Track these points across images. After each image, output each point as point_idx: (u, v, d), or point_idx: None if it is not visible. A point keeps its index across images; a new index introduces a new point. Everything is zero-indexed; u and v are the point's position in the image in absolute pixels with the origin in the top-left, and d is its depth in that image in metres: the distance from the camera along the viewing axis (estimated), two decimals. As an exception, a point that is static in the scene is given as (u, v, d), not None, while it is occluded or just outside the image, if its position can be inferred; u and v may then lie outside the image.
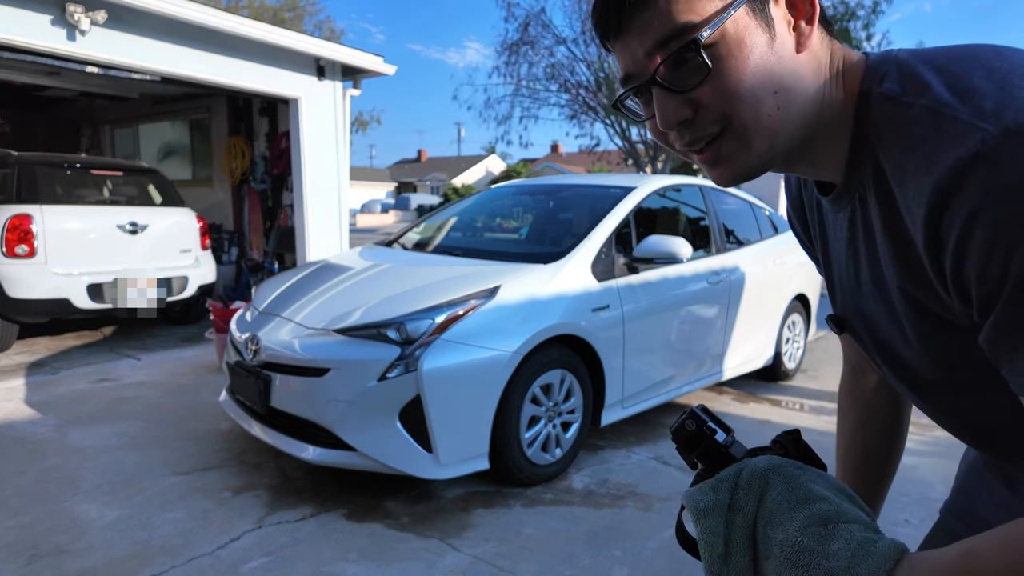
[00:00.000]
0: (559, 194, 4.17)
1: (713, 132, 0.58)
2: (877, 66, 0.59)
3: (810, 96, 0.58)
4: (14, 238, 4.79)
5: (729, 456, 0.64)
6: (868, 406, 0.91)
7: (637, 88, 0.61)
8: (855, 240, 0.65)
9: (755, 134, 0.57)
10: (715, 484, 0.60)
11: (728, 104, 0.56)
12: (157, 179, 6.10)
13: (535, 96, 15.68)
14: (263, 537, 2.42)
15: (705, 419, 0.65)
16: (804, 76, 0.58)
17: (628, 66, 0.60)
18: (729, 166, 0.60)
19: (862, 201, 0.61)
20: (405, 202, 39.23)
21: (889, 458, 0.93)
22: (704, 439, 0.64)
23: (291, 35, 6.28)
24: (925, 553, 0.49)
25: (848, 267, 0.68)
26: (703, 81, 0.56)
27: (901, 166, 0.53)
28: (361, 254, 3.83)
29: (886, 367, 0.71)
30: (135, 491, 2.77)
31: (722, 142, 0.59)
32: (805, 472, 0.59)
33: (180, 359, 5.02)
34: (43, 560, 2.24)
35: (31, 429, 3.47)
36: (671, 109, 0.58)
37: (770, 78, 0.56)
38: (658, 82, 0.58)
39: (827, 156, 0.62)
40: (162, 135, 9.07)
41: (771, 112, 0.57)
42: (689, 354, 3.62)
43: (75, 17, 4.71)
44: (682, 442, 0.65)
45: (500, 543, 2.40)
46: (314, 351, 2.65)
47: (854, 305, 0.70)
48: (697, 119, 0.58)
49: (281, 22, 20.16)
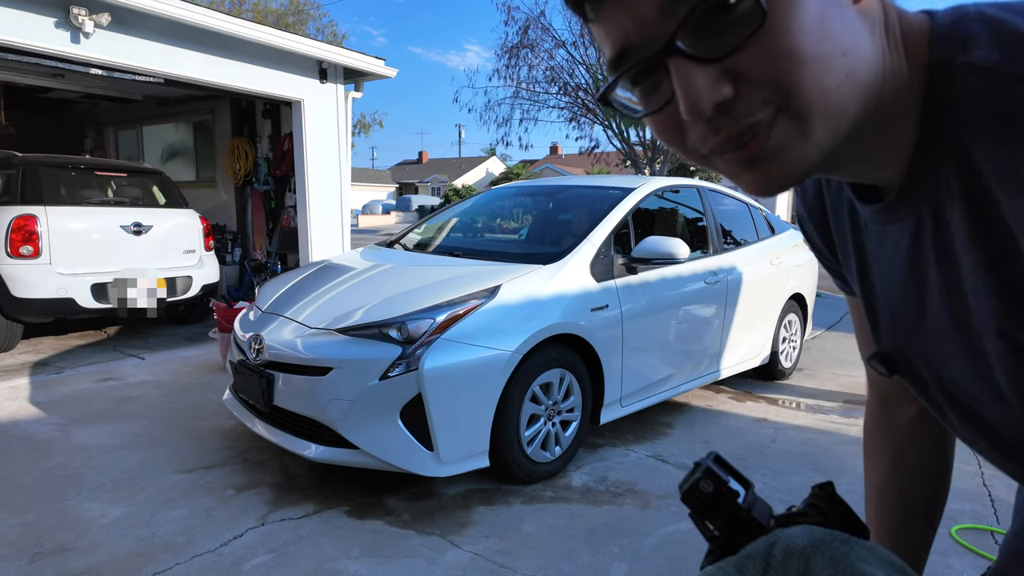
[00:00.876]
0: (558, 195, 4.20)
1: (764, 117, 0.41)
2: (953, 26, 0.43)
3: (871, 62, 0.43)
4: (19, 239, 4.83)
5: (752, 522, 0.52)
6: (904, 445, 0.76)
7: (643, 65, 0.42)
8: (920, 262, 0.50)
9: (820, 114, 0.41)
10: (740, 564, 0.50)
11: (787, 71, 0.39)
12: (161, 180, 6.14)
13: (535, 99, 15.71)
14: (266, 534, 2.44)
15: (723, 477, 0.53)
16: (864, 36, 0.42)
17: (626, 35, 0.42)
18: (778, 163, 0.43)
19: (935, 211, 0.46)
20: (406, 203, 39.30)
21: (932, 507, 0.76)
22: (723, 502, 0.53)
23: (294, 38, 6.32)
24: None
25: (906, 295, 0.54)
26: (750, 38, 0.39)
27: (1015, 167, 0.39)
28: (363, 254, 3.86)
29: (962, 424, 0.56)
30: (138, 489, 2.80)
31: (772, 129, 0.41)
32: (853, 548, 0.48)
33: (184, 358, 5.06)
34: (47, 558, 2.27)
35: (35, 428, 3.50)
36: (704, 87, 0.40)
37: (836, 32, 0.40)
38: (680, 49, 0.40)
39: (882, 149, 0.47)
40: (166, 137, 9.12)
41: (839, 82, 0.40)
42: (687, 353, 3.64)
43: (79, 19, 4.75)
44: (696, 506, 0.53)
45: (500, 540, 2.43)
46: (316, 350, 2.68)
47: (914, 343, 0.55)
48: (738, 99, 0.40)
49: (285, 26, 20.22)
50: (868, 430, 0.81)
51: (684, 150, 0.46)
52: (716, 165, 0.45)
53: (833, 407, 4.07)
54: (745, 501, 0.53)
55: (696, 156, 0.45)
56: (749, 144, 0.42)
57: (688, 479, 0.54)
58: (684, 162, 18.59)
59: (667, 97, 0.43)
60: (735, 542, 0.52)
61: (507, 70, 15.46)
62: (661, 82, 0.43)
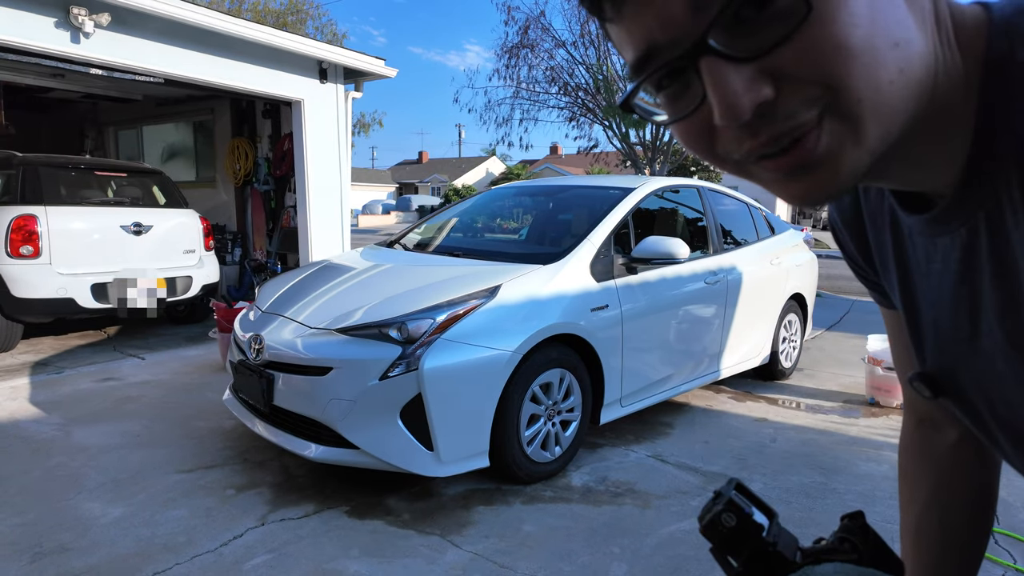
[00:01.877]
0: (558, 195, 4.20)
1: (809, 118, 0.37)
2: (1012, 18, 0.40)
3: (925, 57, 0.39)
4: (19, 239, 4.83)
5: (778, 556, 0.49)
6: (945, 473, 0.70)
7: (670, 67, 0.38)
8: (973, 276, 0.46)
9: (872, 113, 0.37)
10: None
11: (836, 66, 0.35)
12: (161, 180, 6.15)
13: (535, 99, 15.71)
14: (266, 534, 2.44)
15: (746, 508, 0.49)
16: (914, 27, 0.38)
17: (651, 34, 0.38)
18: (827, 170, 0.39)
19: (992, 223, 0.43)
20: (406, 203, 39.32)
21: (975, 541, 0.70)
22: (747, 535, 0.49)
23: (294, 38, 6.33)
24: None
25: (955, 312, 0.50)
26: (794, 33, 0.35)
27: None
28: (363, 254, 3.86)
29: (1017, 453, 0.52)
30: (139, 489, 2.80)
31: (818, 131, 0.37)
32: None
33: (184, 358, 5.06)
34: (47, 558, 2.27)
35: (35, 428, 3.50)
36: (741, 88, 0.36)
37: (887, 22, 0.36)
38: (714, 48, 0.36)
39: (934, 154, 0.43)
40: (166, 137, 9.12)
41: (893, 77, 0.37)
42: (687, 353, 3.64)
43: (79, 19, 4.75)
44: (718, 540, 0.50)
45: (500, 540, 2.43)
46: (316, 350, 2.68)
47: (962, 363, 0.51)
48: (782, 100, 0.36)
49: (284, 26, 20.22)
50: (904, 456, 0.74)
51: (714, 157, 0.42)
52: (752, 173, 0.41)
53: (833, 407, 4.07)
54: (770, 534, 0.49)
55: (729, 163, 0.41)
56: (793, 149, 0.38)
57: (708, 510, 0.50)
58: (684, 162, 18.60)
59: (696, 102, 0.39)
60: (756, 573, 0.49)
61: (507, 70, 15.47)
62: (690, 85, 0.39)
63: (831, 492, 2.85)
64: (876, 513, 2.62)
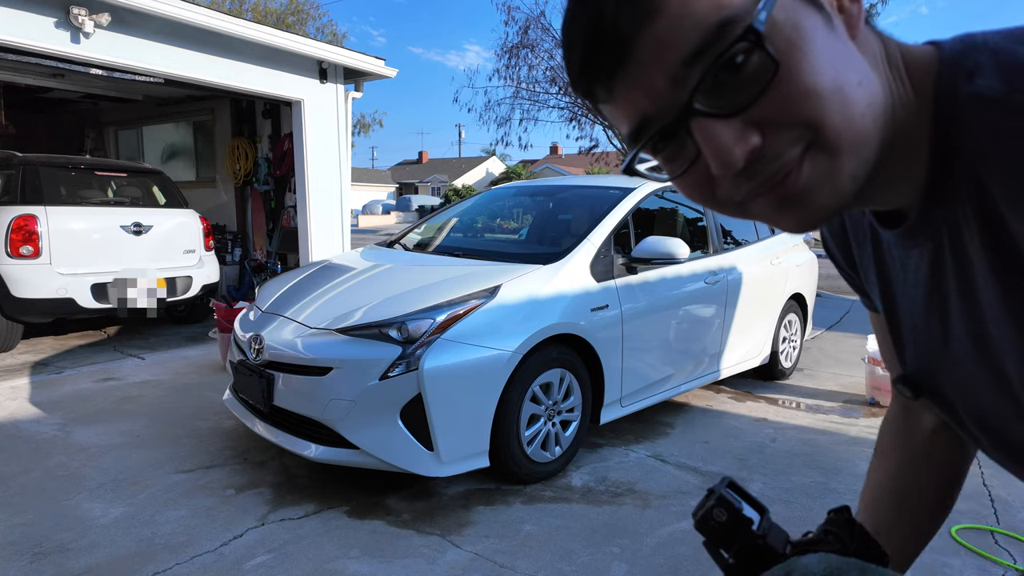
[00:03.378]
0: (558, 195, 4.20)
1: (794, 156, 0.42)
2: (958, 57, 0.44)
3: (882, 93, 0.44)
4: (19, 239, 4.83)
5: (768, 549, 0.52)
6: (919, 453, 0.74)
7: (664, 133, 0.43)
8: (941, 287, 0.50)
9: (849, 144, 0.42)
10: None
11: (812, 107, 0.40)
12: (161, 180, 6.15)
13: (535, 99, 15.72)
14: (266, 534, 2.44)
15: (737, 504, 0.52)
16: (867, 67, 0.44)
17: (642, 108, 0.43)
18: (815, 198, 0.43)
19: (954, 237, 0.47)
20: (406, 203, 39.32)
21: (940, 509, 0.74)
22: (738, 529, 0.52)
23: (294, 38, 6.33)
24: None
25: (928, 319, 0.54)
26: (769, 86, 0.40)
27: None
28: (363, 254, 3.86)
29: (994, 448, 0.56)
30: (139, 489, 2.80)
31: (804, 166, 0.42)
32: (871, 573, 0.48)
33: (184, 358, 5.06)
34: (47, 558, 2.27)
35: (35, 428, 3.50)
36: (731, 140, 0.41)
37: (847, 66, 0.42)
38: (700, 110, 0.41)
39: (900, 177, 0.47)
40: (166, 137, 9.12)
41: (863, 111, 0.42)
42: (687, 353, 3.64)
43: (79, 19, 4.75)
44: (710, 534, 0.53)
45: (500, 540, 2.43)
46: (316, 350, 2.68)
47: (939, 366, 0.56)
48: (769, 144, 0.41)
49: (285, 26, 20.22)
50: (885, 434, 0.78)
51: (716, 203, 0.47)
52: (751, 210, 0.46)
53: (833, 407, 4.07)
54: (760, 528, 0.52)
55: (731, 205, 0.46)
56: (782, 183, 0.43)
57: (701, 507, 0.52)
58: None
59: (692, 158, 0.44)
60: (750, 571, 0.51)
61: (507, 70, 15.47)
62: (684, 145, 0.44)
63: (831, 492, 2.85)
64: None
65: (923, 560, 2.29)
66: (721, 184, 0.44)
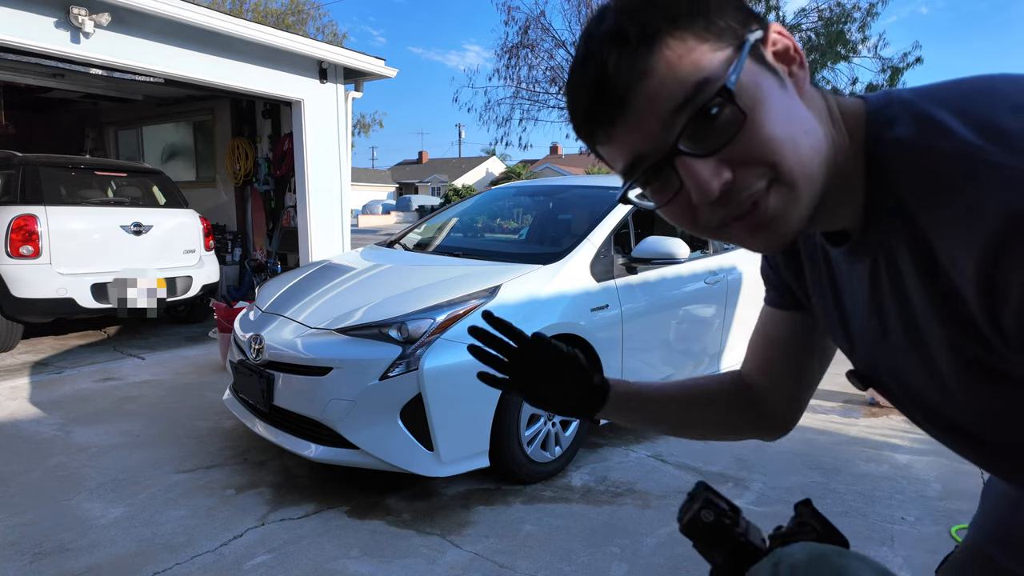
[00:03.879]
0: (558, 195, 4.20)
1: (760, 189, 0.53)
2: (880, 110, 0.55)
3: (825, 139, 0.55)
4: (19, 239, 4.83)
5: (750, 546, 0.56)
6: (721, 394, 0.90)
7: (652, 170, 0.54)
8: (879, 294, 0.60)
9: (802, 179, 0.53)
10: None
11: (771, 150, 0.51)
12: (161, 180, 6.15)
13: (535, 98, 15.73)
14: (266, 534, 2.44)
15: (721, 506, 0.58)
16: (813, 119, 0.55)
17: (635, 148, 0.54)
18: (780, 224, 0.54)
19: (888, 253, 0.56)
20: (406, 203, 39.34)
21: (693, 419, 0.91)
22: (722, 529, 0.57)
23: (294, 38, 6.33)
24: None
25: (870, 322, 0.64)
26: (737, 133, 0.51)
27: (938, 217, 0.49)
28: (363, 254, 3.86)
29: (928, 424, 0.67)
30: (139, 489, 2.80)
31: (769, 197, 0.53)
32: (851, 560, 0.53)
33: (184, 358, 5.06)
34: (47, 558, 2.27)
35: (35, 428, 3.50)
36: (708, 176, 0.52)
37: (797, 118, 0.53)
38: (683, 151, 0.52)
39: (842, 206, 0.58)
40: (166, 137, 9.12)
41: (811, 154, 0.53)
42: (687, 353, 3.64)
43: (79, 19, 4.75)
44: (699, 536, 0.58)
45: (500, 540, 2.43)
46: (316, 350, 2.68)
47: (880, 361, 0.66)
48: (738, 180, 0.52)
49: (285, 26, 20.23)
50: (706, 376, 0.95)
51: (696, 228, 0.57)
52: (725, 234, 0.57)
53: (832, 407, 4.07)
54: (739, 527, 0.56)
55: (709, 230, 0.57)
56: (751, 213, 0.54)
57: (687, 510, 0.56)
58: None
59: (675, 189, 0.55)
60: (737, 566, 0.55)
61: (507, 70, 15.49)
62: (669, 179, 0.55)
63: (831, 492, 2.85)
64: (876, 513, 2.62)
65: (923, 560, 2.30)
66: (701, 211, 0.55)
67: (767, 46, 0.54)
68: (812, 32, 14.17)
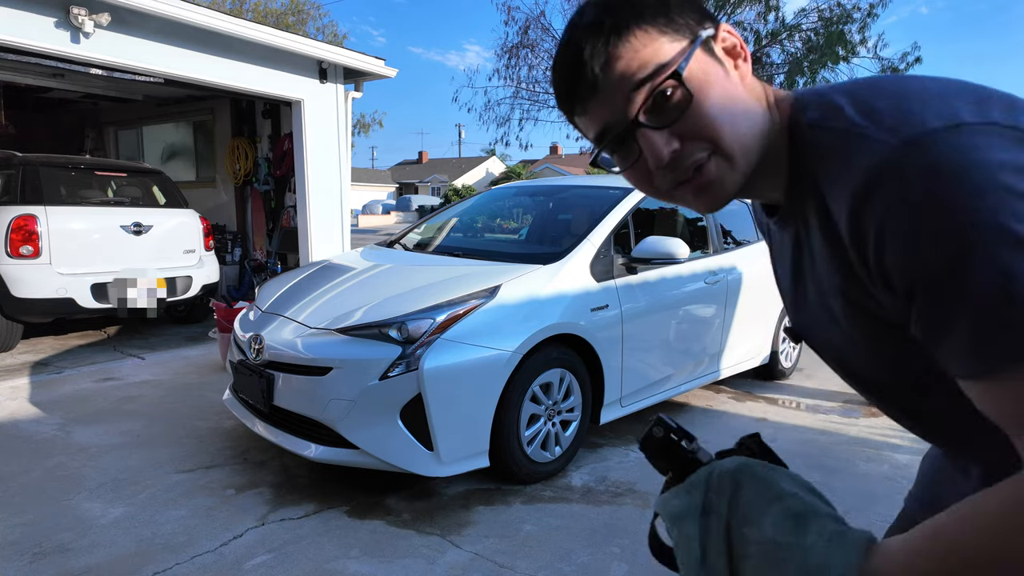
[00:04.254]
0: (558, 195, 4.20)
1: (702, 157, 0.63)
2: (801, 98, 0.66)
3: (761, 121, 0.65)
4: (19, 239, 4.83)
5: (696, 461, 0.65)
6: None
7: (617, 139, 0.65)
8: (800, 256, 0.70)
9: (738, 152, 0.63)
10: (687, 488, 0.62)
11: (712, 127, 0.62)
12: (161, 180, 6.15)
13: (535, 98, 15.73)
14: (266, 534, 2.44)
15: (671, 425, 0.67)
16: (753, 104, 0.65)
17: (604, 119, 0.65)
18: (718, 188, 0.66)
19: (804, 219, 0.66)
20: (406, 203, 39.33)
21: None
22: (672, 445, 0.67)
23: (294, 38, 6.32)
24: (893, 539, 0.53)
25: (796, 282, 0.73)
26: (686, 111, 0.62)
27: (831, 182, 0.59)
28: (363, 254, 3.86)
29: (840, 372, 0.75)
30: (139, 489, 2.80)
31: (709, 165, 0.64)
32: (774, 470, 0.61)
33: (184, 358, 5.06)
34: (47, 558, 2.27)
35: (35, 428, 3.50)
36: (660, 144, 0.63)
37: (737, 102, 0.64)
38: (642, 123, 0.63)
39: (773, 179, 0.68)
40: (166, 137, 9.12)
41: (745, 131, 0.63)
42: (687, 353, 3.64)
43: (79, 19, 4.75)
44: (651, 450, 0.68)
45: (500, 540, 2.43)
46: (316, 350, 2.68)
47: (807, 319, 0.74)
48: (684, 149, 0.63)
49: (285, 26, 20.23)
50: None
51: (652, 190, 0.68)
52: (675, 196, 0.68)
53: (832, 407, 4.07)
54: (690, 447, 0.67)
55: (661, 192, 0.68)
56: (695, 178, 0.65)
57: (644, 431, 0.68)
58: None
59: (636, 157, 0.66)
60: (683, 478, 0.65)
61: (507, 70, 15.49)
62: (631, 148, 0.65)
63: (831, 491, 2.84)
64: (876, 513, 2.62)
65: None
66: (656, 176, 0.65)
67: (717, 41, 0.65)
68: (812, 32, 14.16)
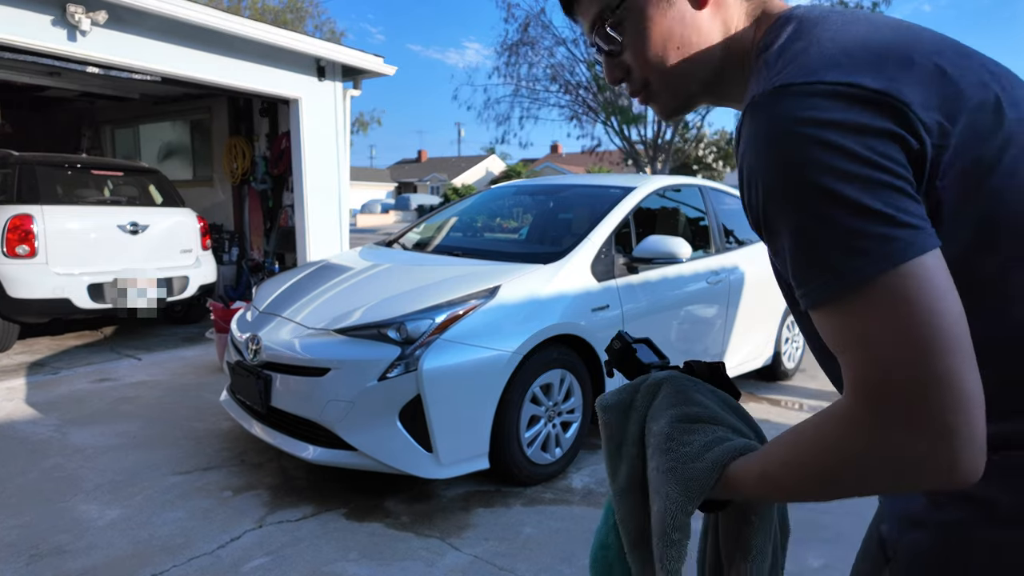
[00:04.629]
0: (559, 194, 4.18)
1: (641, 84, 0.75)
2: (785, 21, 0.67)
3: (715, 43, 0.70)
4: (15, 238, 4.80)
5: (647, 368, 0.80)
6: None
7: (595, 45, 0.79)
8: None
9: (671, 83, 0.73)
10: (621, 389, 0.76)
11: (643, 68, 0.73)
12: (158, 179, 6.11)
13: (535, 97, 15.70)
14: (263, 536, 2.42)
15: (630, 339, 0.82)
16: (706, 28, 0.70)
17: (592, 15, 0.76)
18: (660, 105, 0.77)
19: None
20: (405, 202, 39.27)
21: None
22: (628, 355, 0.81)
23: (292, 36, 6.29)
24: (758, 449, 0.64)
25: None
26: (620, 51, 0.73)
27: None
28: (361, 254, 3.84)
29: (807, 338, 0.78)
30: (136, 490, 2.78)
31: (649, 89, 0.75)
32: (695, 384, 0.72)
33: (181, 359, 5.03)
34: (44, 560, 2.25)
35: (32, 429, 3.48)
36: (609, 68, 0.76)
37: (671, 38, 0.70)
38: (597, 46, 0.76)
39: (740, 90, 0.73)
40: (163, 135, 9.08)
41: (676, 62, 0.71)
42: (688, 353, 3.62)
43: (76, 17, 4.72)
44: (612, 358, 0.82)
45: (500, 542, 2.41)
46: (314, 351, 2.65)
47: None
48: (629, 79, 0.76)
49: (283, 23, 20.18)
50: None
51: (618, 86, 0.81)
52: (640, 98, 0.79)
53: (834, 407, 4.06)
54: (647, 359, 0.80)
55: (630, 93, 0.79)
56: (642, 94, 0.77)
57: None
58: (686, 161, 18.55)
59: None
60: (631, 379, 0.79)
61: (507, 68, 15.45)
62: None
63: (833, 493, 2.83)
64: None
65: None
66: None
67: None
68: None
